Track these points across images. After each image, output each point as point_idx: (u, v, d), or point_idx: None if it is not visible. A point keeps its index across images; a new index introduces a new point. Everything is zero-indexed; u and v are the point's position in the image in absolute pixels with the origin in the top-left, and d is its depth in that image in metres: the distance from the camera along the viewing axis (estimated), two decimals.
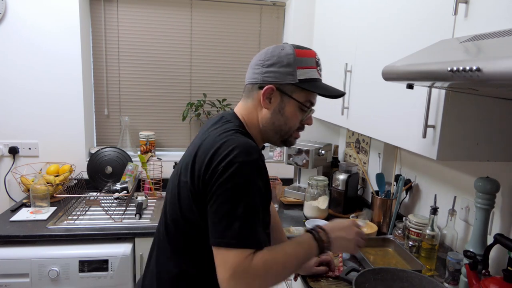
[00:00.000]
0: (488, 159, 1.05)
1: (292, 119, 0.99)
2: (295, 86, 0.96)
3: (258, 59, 0.98)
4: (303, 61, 0.96)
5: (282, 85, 0.96)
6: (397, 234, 1.56)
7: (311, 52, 0.98)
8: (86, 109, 2.23)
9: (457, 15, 0.96)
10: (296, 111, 0.99)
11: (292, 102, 0.97)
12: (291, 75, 0.95)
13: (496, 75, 0.58)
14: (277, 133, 1.00)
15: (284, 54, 0.95)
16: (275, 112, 0.98)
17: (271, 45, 1.00)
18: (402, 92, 1.23)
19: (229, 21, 2.40)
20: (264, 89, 0.95)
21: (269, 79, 0.96)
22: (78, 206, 1.95)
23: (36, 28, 2.06)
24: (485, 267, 1.08)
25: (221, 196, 0.83)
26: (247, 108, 1.01)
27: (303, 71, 0.95)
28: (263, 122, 0.99)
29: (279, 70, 0.95)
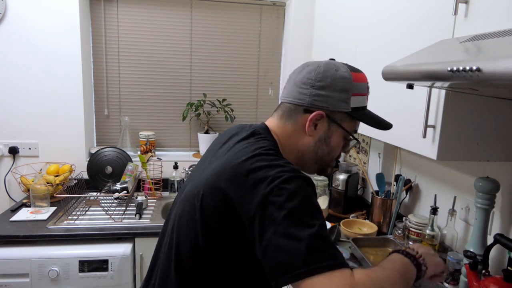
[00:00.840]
0: (488, 159, 1.05)
1: (337, 149, 0.89)
2: (346, 115, 0.85)
3: (305, 77, 0.85)
4: (358, 87, 0.85)
5: (333, 112, 0.84)
6: (397, 234, 1.56)
7: (365, 77, 0.88)
8: (86, 109, 2.23)
9: (457, 15, 0.96)
10: (341, 141, 0.89)
11: (339, 131, 0.87)
12: (345, 103, 0.84)
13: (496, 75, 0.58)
14: (316, 163, 0.90)
15: (340, 77, 0.84)
16: (319, 140, 0.87)
17: (319, 61, 0.87)
18: (402, 92, 1.23)
19: (229, 21, 2.40)
20: (313, 115, 0.83)
21: (319, 103, 0.84)
22: (78, 206, 1.95)
23: (36, 28, 2.06)
24: (485, 267, 1.08)
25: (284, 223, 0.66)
26: (285, 130, 0.88)
27: (357, 98, 0.85)
28: (303, 150, 0.88)
29: (332, 94, 0.83)
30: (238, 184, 0.71)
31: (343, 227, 1.65)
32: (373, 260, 1.43)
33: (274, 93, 2.55)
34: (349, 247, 1.56)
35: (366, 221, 1.75)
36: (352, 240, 1.51)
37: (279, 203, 0.67)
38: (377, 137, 1.43)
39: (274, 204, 0.67)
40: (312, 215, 0.68)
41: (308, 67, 0.87)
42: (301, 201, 0.68)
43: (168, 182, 2.21)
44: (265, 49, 2.48)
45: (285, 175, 0.70)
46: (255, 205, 0.68)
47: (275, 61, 2.52)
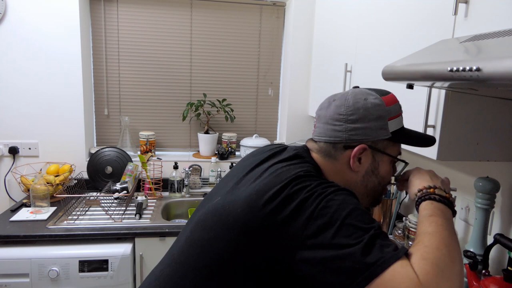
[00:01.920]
0: (488, 159, 1.05)
1: (388, 177, 0.86)
2: (387, 141, 0.82)
3: (336, 112, 0.81)
4: (392, 110, 0.82)
5: (374, 142, 0.82)
6: (397, 234, 1.55)
7: (394, 97, 0.84)
8: (86, 109, 2.23)
9: (457, 15, 0.96)
10: (390, 167, 0.86)
11: (386, 158, 0.84)
12: (384, 129, 0.81)
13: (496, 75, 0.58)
14: (368, 196, 0.86)
15: (372, 105, 0.80)
16: (367, 173, 0.83)
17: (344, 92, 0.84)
18: (402, 92, 1.23)
19: (229, 21, 2.40)
20: (356, 150, 0.80)
21: (358, 137, 0.80)
22: (78, 206, 1.95)
23: (36, 28, 2.06)
24: (485, 267, 1.08)
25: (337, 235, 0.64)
26: (326, 166, 0.84)
27: (394, 121, 0.82)
28: (351, 186, 0.83)
29: (369, 125, 0.80)
30: (283, 204, 0.69)
31: None
32: None
33: (274, 93, 2.56)
34: None
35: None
36: None
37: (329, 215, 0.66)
38: None
39: (324, 217, 0.66)
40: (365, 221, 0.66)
41: (334, 102, 0.83)
42: (352, 210, 0.66)
43: (168, 182, 2.21)
44: (265, 49, 2.48)
45: (329, 189, 0.69)
46: (301, 222, 0.66)
47: (275, 61, 2.52)
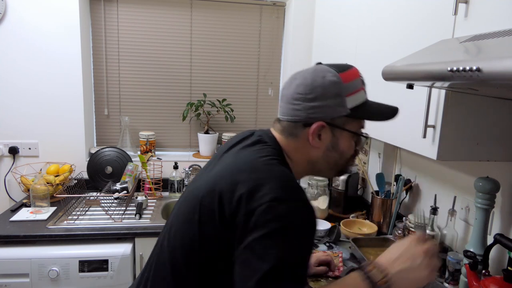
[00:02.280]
0: (488, 159, 1.05)
1: (349, 151, 0.87)
2: (346, 117, 0.83)
3: (295, 92, 0.83)
4: (350, 86, 0.82)
5: (332, 119, 0.83)
6: (397, 234, 1.55)
7: (355, 72, 0.84)
8: (86, 109, 2.23)
9: (457, 15, 0.96)
10: (351, 142, 0.87)
11: (345, 134, 0.85)
12: (342, 106, 0.82)
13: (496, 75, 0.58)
14: (331, 169, 0.89)
15: (329, 83, 0.81)
16: (328, 149, 0.85)
17: (305, 71, 0.85)
18: (402, 92, 1.23)
19: (229, 21, 2.40)
20: (314, 128, 0.82)
21: (316, 115, 0.82)
22: (78, 206, 1.95)
23: (36, 28, 2.06)
24: (485, 267, 1.08)
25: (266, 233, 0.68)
26: (289, 145, 0.87)
27: (353, 97, 0.82)
28: (313, 161, 0.87)
29: (327, 103, 0.81)
30: (233, 191, 0.72)
31: (343, 227, 1.65)
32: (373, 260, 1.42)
33: (274, 93, 2.55)
34: (349, 247, 1.56)
35: (366, 221, 1.75)
36: (352, 240, 1.51)
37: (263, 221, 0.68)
38: (377, 137, 1.43)
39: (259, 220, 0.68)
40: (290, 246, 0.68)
41: (295, 81, 0.85)
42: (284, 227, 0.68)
43: (168, 182, 2.21)
44: (265, 49, 2.48)
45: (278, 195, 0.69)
46: (242, 215, 0.70)
47: (275, 61, 2.52)
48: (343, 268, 1.37)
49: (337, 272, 1.33)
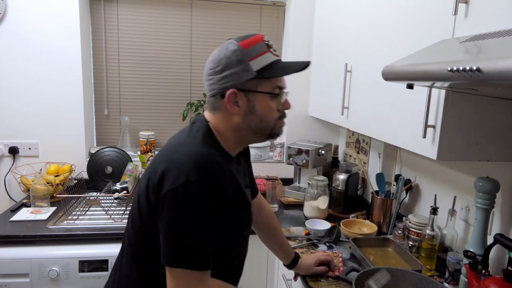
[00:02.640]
0: (488, 159, 1.05)
1: (268, 112, 0.92)
2: (256, 79, 0.89)
3: (208, 68, 0.93)
4: (251, 51, 0.89)
5: (242, 84, 0.89)
6: (397, 234, 1.55)
7: (257, 37, 0.92)
8: (86, 109, 2.23)
9: (457, 15, 0.96)
10: (268, 103, 0.92)
11: (259, 96, 0.90)
12: (247, 71, 0.88)
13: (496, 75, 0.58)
14: (256, 133, 0.94)
15: (231, 53, 0.89)
16: (245, 114, 0.91)
17: (216, 49, 0.94)
18: (402, 92, 1.23)
19: (229, 21, 2.40)
20: (227, 96, 0.89)
21: (227, 84, 0.89)
22: (78, 206, 1.95)
23: (36, 28, 2.06)
24: (485, 267, 1.08)
25: (170, 221, 0.81)
26: (216, 119, 0.94)
27: (257, 60, 0.89)
28: (237, 128, 0.93)
29: (233, 71, 0.88)
30: (155, 177, 0.84)
31: (343, 227, 1.65)
32: (373, 260, 1.43)
33: None
34: (349, 247, 1.56)
35: (366, 221, 1.75)
36: (352, 240, 1.51)
37: (175, 202, 0.80)
38: (377, 137, 1.43)
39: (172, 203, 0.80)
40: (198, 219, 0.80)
41: (208, 60, 0.94)
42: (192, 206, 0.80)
43: None
44: None
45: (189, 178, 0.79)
46: (162, 195, 0.81)
47: None
48: (343, 268, 1.37)
49: (337, 272, 1.33)
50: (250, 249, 1.10)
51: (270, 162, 2.44)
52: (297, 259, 1.32)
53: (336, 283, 1.29)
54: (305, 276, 1.33)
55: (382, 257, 1.46)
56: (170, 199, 0.80)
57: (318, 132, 2.48)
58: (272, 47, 0.93)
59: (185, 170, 0.80)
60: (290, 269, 1.33)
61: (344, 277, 1.30)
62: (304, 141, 2.31)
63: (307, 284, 1.29)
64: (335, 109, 1.84)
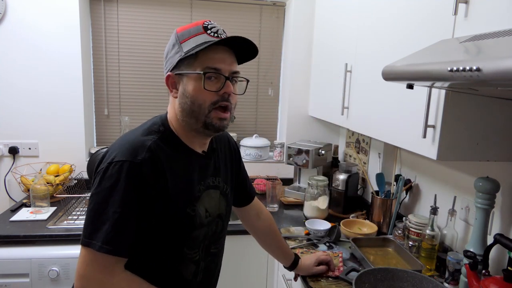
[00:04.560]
0: (488, 159, 1.05)
1: (198, 94, 0.87)
2: (186, 60, 0.87)
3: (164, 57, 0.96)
4: (185, 34, 0.89)
5: (175, 67, 0.89)
6: (397, 234, 1.55)
7: (198, 22, 0.90)
8: (86, 109, 2.23)
9: (457, 15, 0.96)
10: (199, 85, 0.86)
11: (190, 77, 0.87)
12: (178, 53, 0.88)
13: (496, 75, 0.58)
14: (192, 118, 0.89)
15: (170, 40, 0.91)
16: (180, 97, 0.90)
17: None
18: (402, 92, 1.23)
19: (229, 21, 2.40)
20: (165, 80, 0.92)
21: (167, 69, 0.92)
22: (78, 206, 1.95)
23: (36, 28, 2.06)
24: (485, 267, 1.08)
25: (90, 199, 0.84)
26: (169, 106, 0.96)
27: (188, 42, 0.87)
28: (178, 113, 0.92)
29: (170, 55, 0.91)
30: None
31: (343, 227, 1.65)
32: (373, 260, 1.43)
33: (274, 93, 2.55)
34: (349, 247, 1.56)
35: (366, 221, 1.75)
36: (352, 240, 1.51)
37: (96, 183, 0.83)
38: (377, 137, 1.43)
39: (95, 181, 0.84)
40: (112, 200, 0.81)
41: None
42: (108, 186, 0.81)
43: None
44: (265, 49, 2.48)
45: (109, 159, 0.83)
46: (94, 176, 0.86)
47: (275, 61, 2.52)
48: (343, 268, 1.37)
49: (337, 272, 1.33)
50: (250, 249, 1.10)
51: (270, 162, 2.44)
52: (297, 261, 1.32)
53: (336, 283, 1.29)
54: (305, 276, 1.33)
55: (382, 257, 1.46)
56: (95, 178, 0.84)
57: (318, 132, 2.47)
58: (212, 29, 0.89)
59: (114, 152, 0.84)
60: (291, 271, 1.33)
61: (344, 277, 1.30)
62: (304, 141, 2.31)
63: (307, 284, 1.29)
64: (335, 109, 1.84)
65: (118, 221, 0.80)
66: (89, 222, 0.82)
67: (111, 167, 0.82)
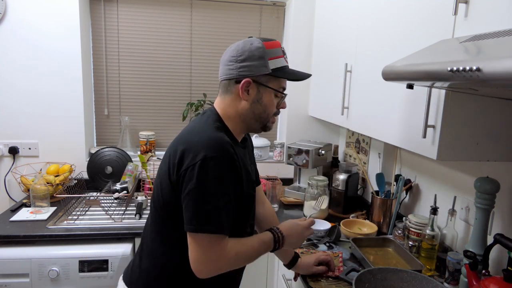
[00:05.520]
0: (488, 159, 1.05)
1: (270, 106, 1.08)
2: (269, 76, 1.04)
3: (230, 55, 1.05)
4: (272, 52, 1.04)
5: (257, 77, 1.04)
6: (397, 234, 1.56)
7: (277, 43, 1.07)
8: (86, 109, 2.23)
9: (457, 15, 0.96)
10: (273, 98, 1.08)
11: (268, 91, 1.06)
12: (265, 67, 1.03)
13: (496, 75, 0.58)
14: (257, 121, 1.09)
15: (255, 48, 1.02)
16: (253, 102, 1.06)
17: (238, 42, 1.06)
18: (402, 92, 1.23)
19: (229, 21, 2.40)
20: (242, 83, 1.03)
21: (245, 73, 1.03)
22: (78, 206, 1.95)
23: (36, 28, 2.06)
24: (485, 267, 1.08)
25: (191, 192, 0.94)
26: (225, 102, 1.08)
27: (274, 61, 1.04)
28: (243, 113, 1.07)
29: (253, 63, 1.02)
30: (176, 156, 0.97)
31: (343, 227, 1.65)
32: (373, 260, 1.43)
33: None
34: (349, 247, 1.56)
35: (366, 221, 1.75)
36: (352, 240, 1.51)
37: (195, 175, 0.93)
38: (377, 137, 1.43)
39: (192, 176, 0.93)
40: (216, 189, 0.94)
41: (231, 48, 1.06)
42: (210, 178, 0.93)
43: None
44: None
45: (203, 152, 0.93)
46: (183, 171, 0.95)
47: None
48: (343, 268, 1.37)
49: (337, 272, 1.34)
50: None
51: (270, 162, 2.44)
52: (297, 258, 1.32)
53: (336, 283, 1.29)
54: (305, 276, 1.33)
55: (382, 257, 1.46)
56: (191, 172, 0.93)
57: (318, 132, 2.48)
58: (286, 54, 1.09)
59: (202, 148, 0.94)
60: (290, 268, 1.34)
61: (344, 277, 1.30)
62: (304, 141, 2.31)
63: (307, 284, 1.29)
64: (335, 109, 1.84)
65: (226, 206, 0.96)
66: (199, 211, 0.93)
67: (208, 162, 0.93)
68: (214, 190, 0.94)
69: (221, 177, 0.95)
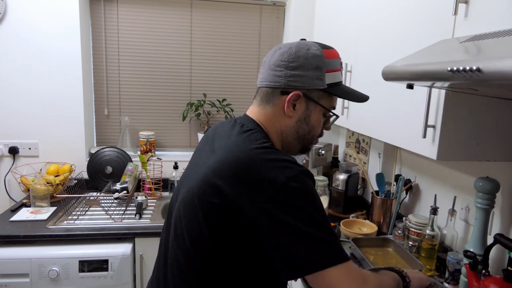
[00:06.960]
0: (488, 159, 1.05)
1: (317, 127, 0.89)
2: (322, 92, 0.85)
3: (279, 59, 0.85)
4: (330, 64, 0.85)
5: (309, 91, 0.85)
6: (397, 234, 1.56)
7: (337, 53, 0.88)
8: (86, 109, 2.23)
9: (457, 15, 0.96)
10: (321, 118, 0.89)
11: (318, 108, 0.87)
12: (320, 80, 0.84)
13: (496, 75, 0.58)
14: (299, 143, 0.90)
15: (312, 56, 0.83)
16: (299, 120, 0.87)
17: (290, 43, 0.88)
18: (402, 92, 1.23)
19: (229, 21, 2.40)
20: (290, 96, 0.83)
21: (295, 83, 0.84)
22: (78, 206, 1.95)
23: (36, 28, 2.06)
24: (485, 267, 1.08)
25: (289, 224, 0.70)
26: (266, 115, 0.88)
27: (331, 74, 0.85)
28: (285, 131, 0.88)
29: (307, 73, 0.83)
30: (239, 181, 0.73)
31: (343, 227, 1.65)
32: (373, 260, 1.43)
33: None
34: (349, 247, 1.56)
35: (366, 221, 1.75)
36: (352, 240, 1.51)
37: (287, 201, 0.70)
38: (377, 137, 1.43)
39: (283, 202, 0.70)
40: (319, 211, 0.72)
41: (280, 50, 0.86)
42: (307, 199, 0.72)
43: (168, 182, 2.21)
44: (265, 49, 2.48)
45: (288, 173, 0.72)
46: (262, 202, 0.71)
47: None
48: None
49: None
50: None
51: None
52: None
53: None
54: None
55: (382, 257, 1.46)
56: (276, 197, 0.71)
57: None
58: (343, 66, 0.93)
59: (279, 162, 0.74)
60: None
61: None
62: None
63: (307, 285, 1.29)
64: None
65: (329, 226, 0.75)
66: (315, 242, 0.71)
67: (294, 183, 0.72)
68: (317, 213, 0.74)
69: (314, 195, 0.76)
